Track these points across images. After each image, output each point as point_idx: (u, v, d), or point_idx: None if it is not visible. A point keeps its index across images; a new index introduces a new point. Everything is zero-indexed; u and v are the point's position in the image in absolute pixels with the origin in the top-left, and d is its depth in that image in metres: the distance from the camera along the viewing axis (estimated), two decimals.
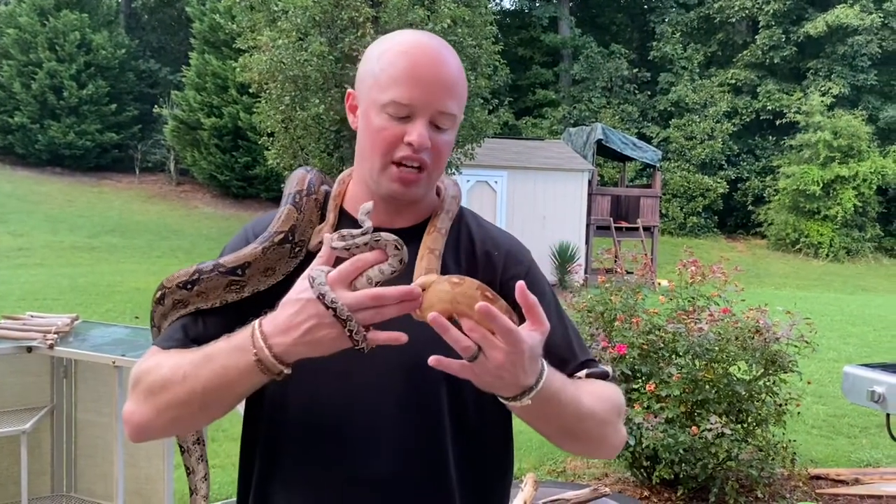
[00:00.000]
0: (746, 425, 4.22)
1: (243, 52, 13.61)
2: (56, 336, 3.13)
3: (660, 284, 8.55)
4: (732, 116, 25.11)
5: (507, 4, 29.47)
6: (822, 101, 22.74)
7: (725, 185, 24.21)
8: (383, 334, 1.00)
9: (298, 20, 11.72)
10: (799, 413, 4.61)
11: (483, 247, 1.25)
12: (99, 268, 13.68)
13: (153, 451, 3.21)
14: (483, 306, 0.93)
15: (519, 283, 0.96)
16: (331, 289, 0.98)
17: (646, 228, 16.55)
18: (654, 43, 27.07)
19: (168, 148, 22.68)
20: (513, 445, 1.29)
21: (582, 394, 1.11)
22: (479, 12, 13.29)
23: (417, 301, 0.99)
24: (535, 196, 15.57)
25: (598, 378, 1.21)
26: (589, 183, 16.01)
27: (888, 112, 23.65)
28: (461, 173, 13.80)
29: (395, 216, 1.22)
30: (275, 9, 12.36)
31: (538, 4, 28.71)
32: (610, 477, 4.69)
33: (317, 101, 11.64)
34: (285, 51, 11.64)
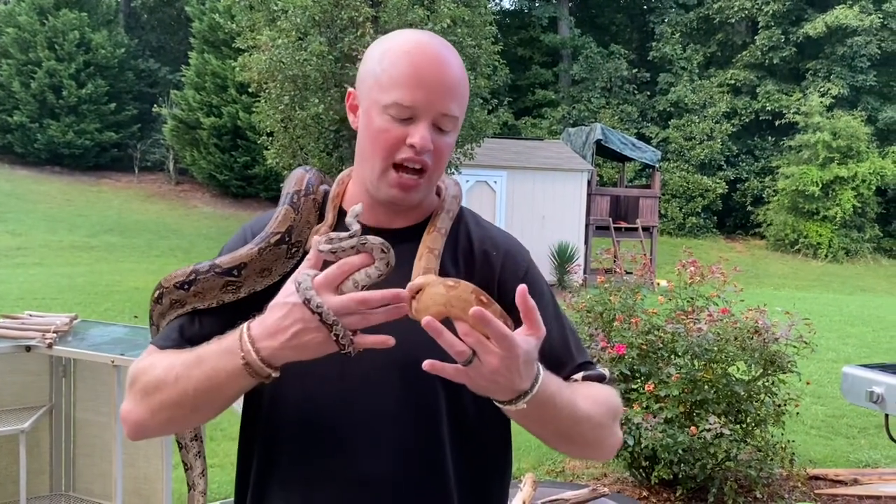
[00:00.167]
0: (745, 425, 4.22)
1: (243, 52, 13.62)
2: (55, 335, 3.13)
3: (659, 285, 8.56)
4: (732, 117, 25.11)
5: (507, 4, 29.50)
6: (822, 102, 22.76)
7: (724, 186, 24.22)
8: (370, 338, 1.00)
9: (298, 20, 11.72)
10: (798, 413, 4.61)
11: (481, 246, 1.25)
12: (98, 267, 13.67)
13: (152, 451, 3.21)
14: (477, 311, 0.92)
15: (520, 288, 0.96)
16: (316, 293, 0.98)
17: (645, 229, 16.56)
18: (654, 43, 27.08)
19: (167, 147, 22.67)
20: (511, 445, 1.28)
21: (577, 397, 1.11)
22: (479, 12, 13.30)
23: (404, 306, 0.99)
24: (535, 196, 15.57)
25: (595, 381, 1.21)
26: (588, 183, 16.01)
27: (887, 113, 23.67)
28: (461, 173, 13.80)
29: (395, 216, 1.22)
30: (274, 8, 12.36)
31: (538, 4, 28.71)
32: (609, 477, 4.69)
33: (316, 101, 11.64)
34: (285, 50, 11.64)
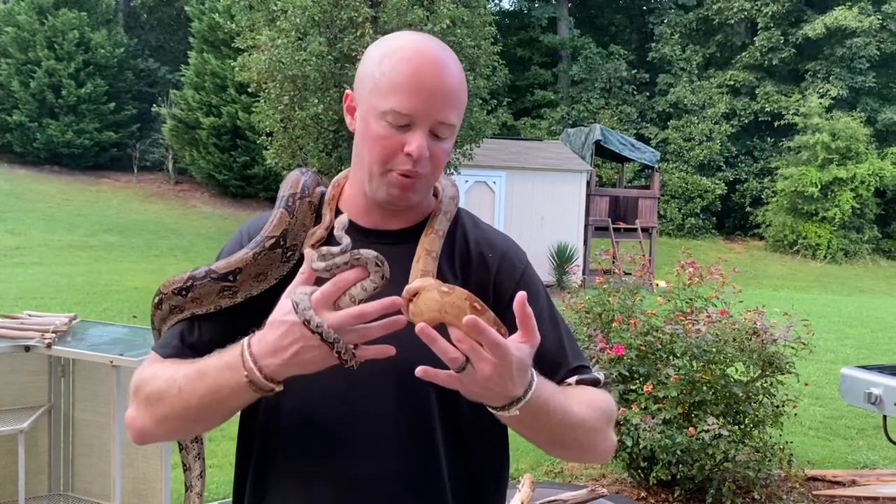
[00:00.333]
0: (743, 426, 4.22)
1: (242, 52, 13.62)
2: (54, 335, 3.13)
3: (658, 285, 8.56)
4: (731, 118, 25.12)
5: (506, 5, 29.50)
6: (821, 103, 22.77)
7: (724, 187, 24.23)
8: (371, 349, 1.02)
9: (297, 20, 11.72)
10: (796, 414, 4.61)
11: (478, 248, 1.25)
12: (97, 267, 13.66)
13: (150, 451, 3.21)
14: (470, 320, 0.92)
15: (519, 295, 0.96)
16: (315, 312, 0.98)
17: (644, 229, 16.57)
18: (653, 44, 27.08)
19: (166, 147, 22.65)
20: (508, 448, 1.28)
21: (571, 402, 1.11)
22: (478, 13, 13.30)
23: (403, 319, 1.00)
24: (534, 197, 15.57)
25: (590, 385, 1.20)
26: (587, 184, 16.02)
27: (886, 114, 23.68)
28: (460, 173, 13.80)
29: (391, 218, 1.22)
30: (274, 8, 12.36)
31: (537, 5, 28.71)
32: (607, 478, 4.69)
33: (315, 101, 11.64)
34: (284, 50, 11.64)
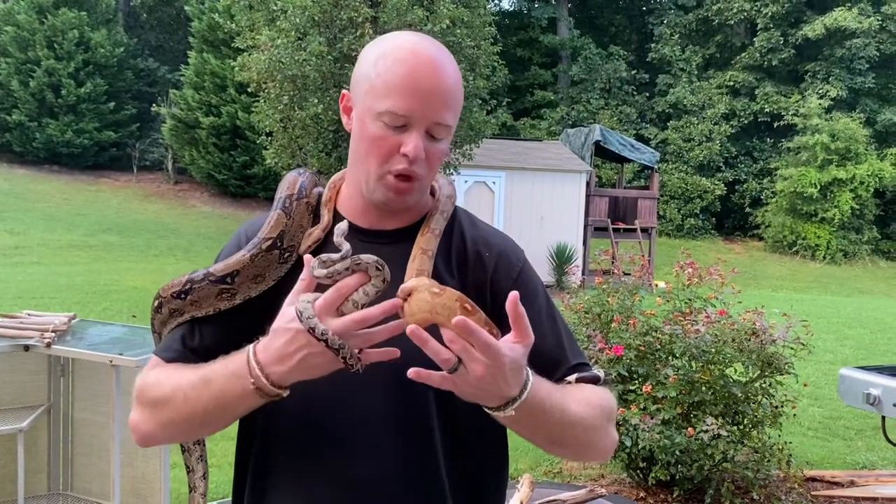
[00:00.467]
0: (742, 427, 4.23)
1: (242, 52, 13.62)
2: (53, 334, 3.13)
3: (657, 286, 8.57)
4: (730, 118, 25.13)
5: (506, 5, 29.52)
6: (820, 104, 22.77)
7: (723, 187, 24.23)
8: (375, 353, 1.03)
9: (297, 20, 11.72)
10: (795, 415, 4.61)
11: (474, 247, 1.24)
12: (96, 266, 13.65)
13: (150, 451, 3.20)
14: (460, 321, 0.92)
15: (511, 294, 0.96)
16: (319, 319, 0.99)
17: (643, 230, 16.57)
18: (653, 44, 27.09)
19: (166, 147, 22.65)
20: (507, 449, 1.28)
21: (569, 401, 1.10)
22: (478, 13, 13.30)
23: (404, 320, 1.00)
24: (533, 197, 15.58)
25: (589, 382, 1.20)
26: (587, 184, 16.02)
27: (886, 115, 23.69)
28: (459, 174, 13.80)
29: (388, 218, 1.22)
30: (274, 8, 12.36)
31: (537, 5, 28.71)
32: (606, 478, 4.70)
33: (315, 101, 11.64)
34: (284, 50, 11.64)
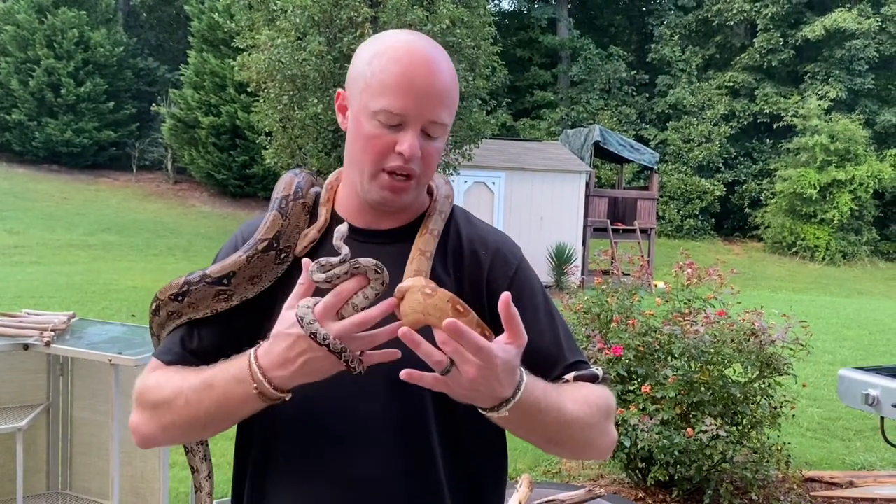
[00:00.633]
0: (741, 427, 4.23)
1: (242, 51, 13.62)
2: (53, 333, 3.13)
3: (656, 286, 8.58)
4: (730, 119, 25.13)
5: (506, 5, 29.52)
6: (820, 105, 22.78)
7: (722, 188, 24.24)
8: (377, 355, 1.03)
9: (297, 19, 11.72)
10: (794, 416, 4.62)
11: (471, 245, 1.24)
12: (95, 266, 13.65)
13: (149, 450, 3.20)
14: (450, 323, 0.92)
15: (503, 296, 0.95)
16: (319, 324, 0.99)
17: (643, 230, 16.58)
18: (653, 45, 27.10)
19: (166, 146, 22.65)
20: (506, 450, 1.28)
21: (565, 400, 1.10)
22: (478, 13, 13.30)
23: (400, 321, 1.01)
24: (533, 197, 15.58)
25: (587, 380, 1.19)
26: (586, 184, 16.02)
27: (885, 116, 23.70)
28: (459, 174, 13.80)
29: (384, 217, 1.22)
30: (273, 8, 12.36)
31: (537, 6, 28.72)
32: (605, 478, 4.70)
33: (315, 101, 11.64)
34: (284, 50, 11.64)
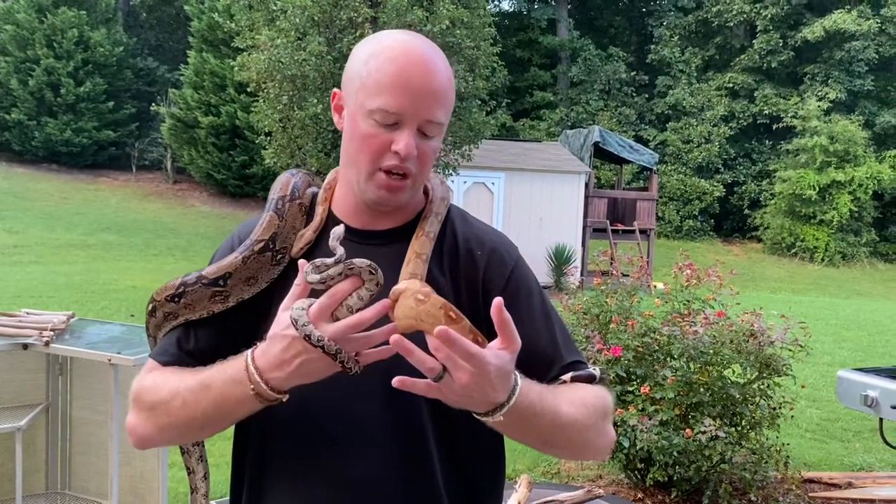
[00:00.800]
0: (740, 428, 4.23)
1: (241, 51, 13.61)
2: (52, 333, 3.13)
3: (655, 287, 8.59)
4: (729, 120, 25.15)
5: (506, 6, 29.53)
6: (819, 106, 22.80)
7: (722, 189, 24.25)
8: (372, 353, 1.03)
9: (297, 20, 11.72)
10: (793, 416, 4.62)
11: (466, 245, 1.24)
12: (95, 265, 13.65)
13: (148, 450, 3.19)
14: (441, 331, 0.91)
15: (496, 301, 0.95)
16: (314, 326, 0.99)
17: (642, 231, 16.58)
18: (652, 46, 27.11)
19: (165, 146, 22.65)
20: (504, 452, 1.28)
21: (561, 402, 1.09)
22: (478, 14, 13.30)
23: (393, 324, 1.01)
24: (532, 198, 15.58)
25: (584, 381, 1.18)
26: (586, 185, 16.03)
27: (884, 117, 23.72)
28: (458, 174, 13.80)
29: (380, 218, 1.22)
30: (273, 8, 12.36)
31: (537, 6, 28.74)
32: (604, 479, 4.70)
33: (315, 101, 11.64)
34: (283, 50, 11.64)
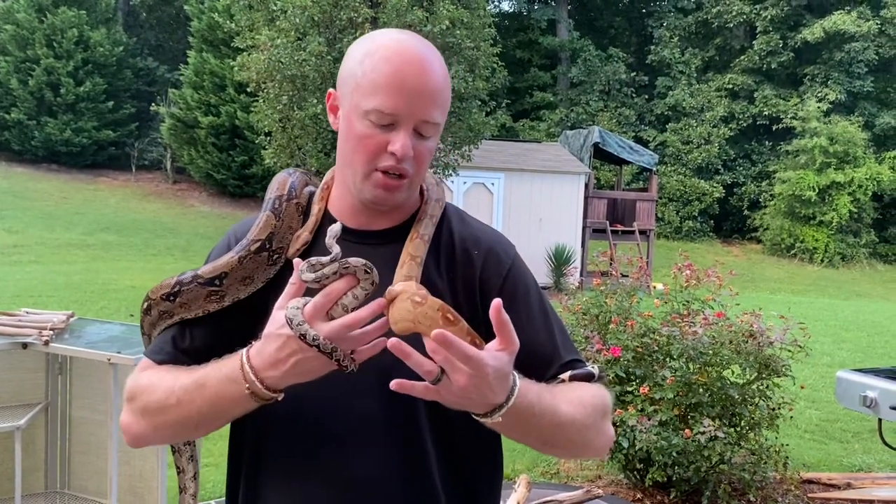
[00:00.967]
0: (739, 429, 4.23)
1: (241, 51, 13.62)
2: (51, 332, 3.13)
3: (655, 288, 8.59)
4: (729, 121, 25.15)
5: (506, 7, 29.53)
6: (819, 107, 22.80)
7: (721, 190, 24.25)
8: (367, 350, 1.03)
9: (297, 20, 11.72)
10: (792, 417, 4.62)
11: (463, 244, 1.24)
12: (94, 265, 13.64)
13: (147, 449, 3.20)
14: (438, 334, 0.91)
15: (494, 302, 0.95)
16: (309, 325, 0.99)
17: (642, 232, 16.59)
18: (652, 47, 27.12)
19: (165, 146, 22.64)
20: (501, 452, 1.28)
21: (559, 402, 1.09)
22: (478, 14, 13.30)
23: (389, 325, 1.01)
24: (532, 198, 15.58)
25: (583, 379, 1.18)
26: (585, 186, 16.03)
27: (884, 118, 23.72)
28: (458, 175, 13.80)
29: (376, 218, 1.22)
30: (273, 8, 12.36)
31: (537, 7, 28.75)
32: (603, 479, 4.70)
33: (314, 101, 11.64)
34: (283, 50, 11.64)
